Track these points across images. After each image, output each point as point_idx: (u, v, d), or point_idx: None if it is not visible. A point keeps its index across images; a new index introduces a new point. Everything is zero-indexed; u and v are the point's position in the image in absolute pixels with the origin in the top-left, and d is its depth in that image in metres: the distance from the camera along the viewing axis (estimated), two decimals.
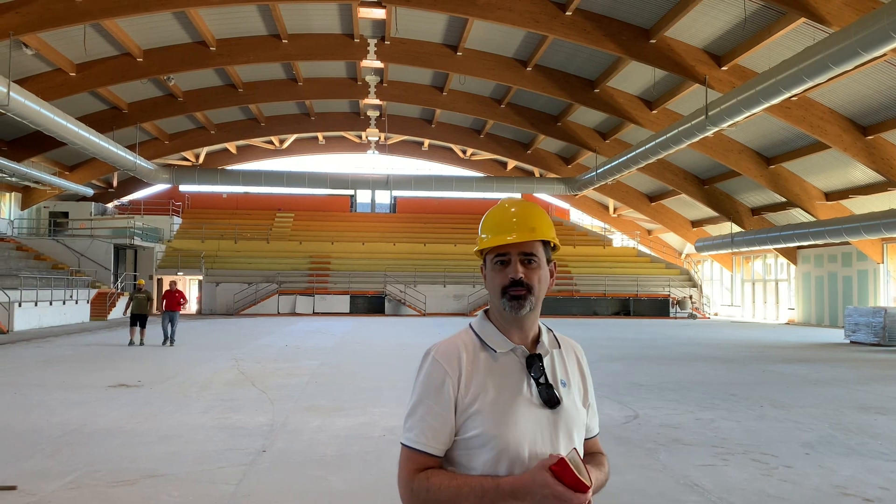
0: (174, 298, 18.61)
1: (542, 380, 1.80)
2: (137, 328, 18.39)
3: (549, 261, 1.89)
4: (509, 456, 1.72)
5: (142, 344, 18.16)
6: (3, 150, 30.18)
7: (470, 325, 1.91)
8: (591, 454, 1.95)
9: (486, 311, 1.93)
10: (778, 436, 7.97)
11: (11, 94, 19.42)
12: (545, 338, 1.88)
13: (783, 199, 29.37)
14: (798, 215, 30.49)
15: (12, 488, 5.57)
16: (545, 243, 1.88)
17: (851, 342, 22.15)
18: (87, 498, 5.46)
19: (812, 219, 28.25)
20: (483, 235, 1.89)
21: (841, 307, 29.47)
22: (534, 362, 1.81)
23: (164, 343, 18.21)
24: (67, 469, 6.21)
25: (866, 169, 23.77)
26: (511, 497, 1.66)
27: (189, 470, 6.28)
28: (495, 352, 1.82)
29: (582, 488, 1.58)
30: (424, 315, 37.02)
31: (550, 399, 1.79)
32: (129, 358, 15.67)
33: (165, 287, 21.68)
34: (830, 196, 27.82)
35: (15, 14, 20.16)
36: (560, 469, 1.58)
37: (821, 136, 22.31)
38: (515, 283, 1.80)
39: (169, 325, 18.29)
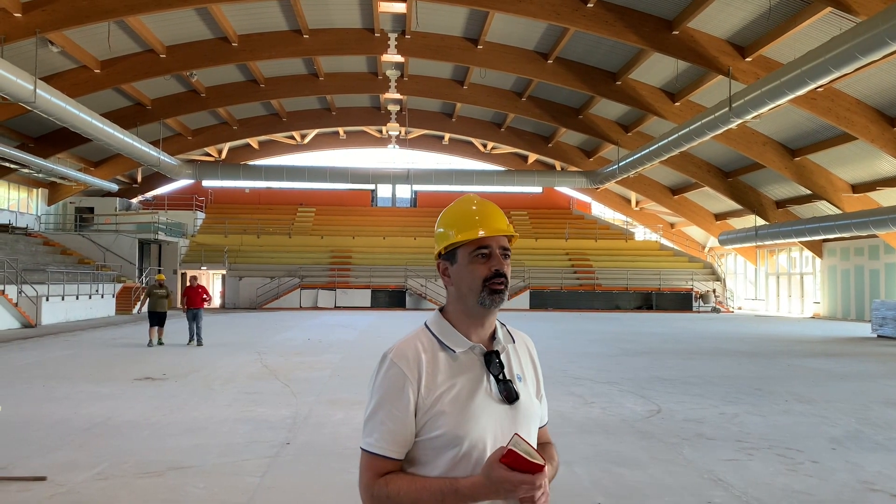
0: (197, 295, 17.36)
1: (500, 376, 1.81)
2: (157, 328, 17.11)
3: None
4: (473, 453, 1.72)
5: (161, 343, 17.17)
6: (30, 146, 30.69)
7: (426, 324, 1.90)
8: (542, 444, 1.95)
9: (440, 310, 1.92)
10: (803, 431, 7.88)
11: (38, 91, 19.71)
12: (500, 333, 1.88)
13: (808, 192, 28.96)
14: (824, 208, 30.08)
15: (42, 479, 5.68)
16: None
17: (878, 336, 21.83)
18: (115, 489, 5.54)
19: (838, 211, 27.84)
20: (450, 232, 1.87)
21: (868, 301, 29.04)
22: (492, 359, 1.82)
23: (189, 343, 17.20)
24: (95, 460, 6.31)
25: (894, 161, 23.39)
26: (471, 499, 1.66)
27: (214, 462, 6.36)
28: (454, 351, 1.82)
29: (537, 469, 1.60)
30: None
31: (509, 394, 1.79)
32: (154, 352, 15.85)
33: (186, 283, 20.21)
34: (857, 188, 27.41)
35: (41, 12, 20.45)
36: (511, 459, 1.59)
37: (847, 127, 21.97)
38: (499, 275, 1.81)
39: (194, 324, 17.16)
